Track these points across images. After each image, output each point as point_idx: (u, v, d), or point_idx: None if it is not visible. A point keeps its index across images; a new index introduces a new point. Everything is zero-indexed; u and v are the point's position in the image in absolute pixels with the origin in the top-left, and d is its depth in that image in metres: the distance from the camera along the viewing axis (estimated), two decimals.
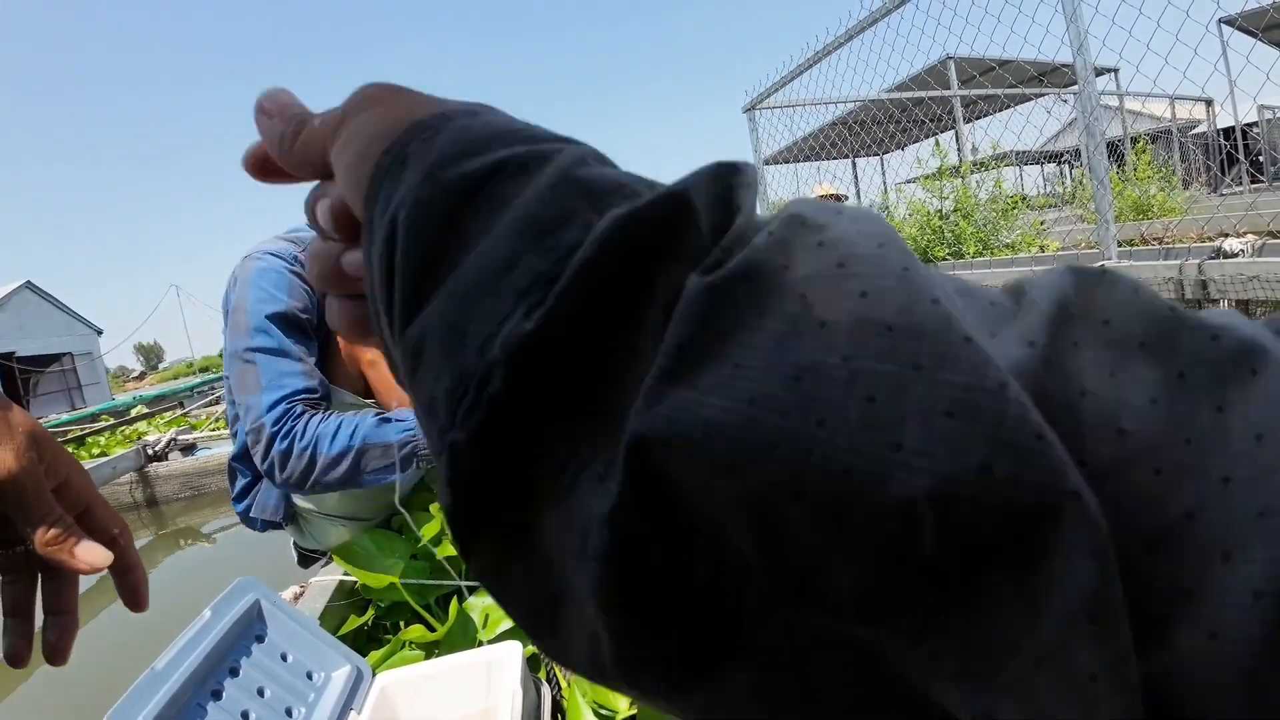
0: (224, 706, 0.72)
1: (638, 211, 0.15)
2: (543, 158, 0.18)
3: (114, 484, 3.96)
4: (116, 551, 0.47)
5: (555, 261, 0.15)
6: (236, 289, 1.25)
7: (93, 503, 0.48)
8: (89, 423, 7.17)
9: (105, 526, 0.48)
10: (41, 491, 0.44)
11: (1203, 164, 9.67)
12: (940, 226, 4.91)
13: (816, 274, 0.14)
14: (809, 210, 0.15)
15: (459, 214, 0.18)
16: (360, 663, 0.88)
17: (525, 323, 0.15)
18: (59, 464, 0.46)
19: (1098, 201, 3.33)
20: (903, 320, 0.13)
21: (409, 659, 1.01)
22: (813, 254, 0.14)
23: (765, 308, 0.13)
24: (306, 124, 0.24)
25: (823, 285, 0.13)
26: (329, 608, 1.20)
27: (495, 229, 0.17)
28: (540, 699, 0.91)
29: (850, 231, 0.14)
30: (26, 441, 0.43)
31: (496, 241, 0.17)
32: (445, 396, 0.16)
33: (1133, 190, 5.72)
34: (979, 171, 5.35)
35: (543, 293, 0.15)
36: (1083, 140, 3.40)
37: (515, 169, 0.18)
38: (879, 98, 5.71)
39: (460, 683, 0.87)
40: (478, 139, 0.19)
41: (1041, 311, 0.14)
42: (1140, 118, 10.90)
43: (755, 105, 5.87)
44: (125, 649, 2.18)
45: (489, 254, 0.17)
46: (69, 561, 0.44)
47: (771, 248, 0.14)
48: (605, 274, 0.15)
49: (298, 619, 0.86)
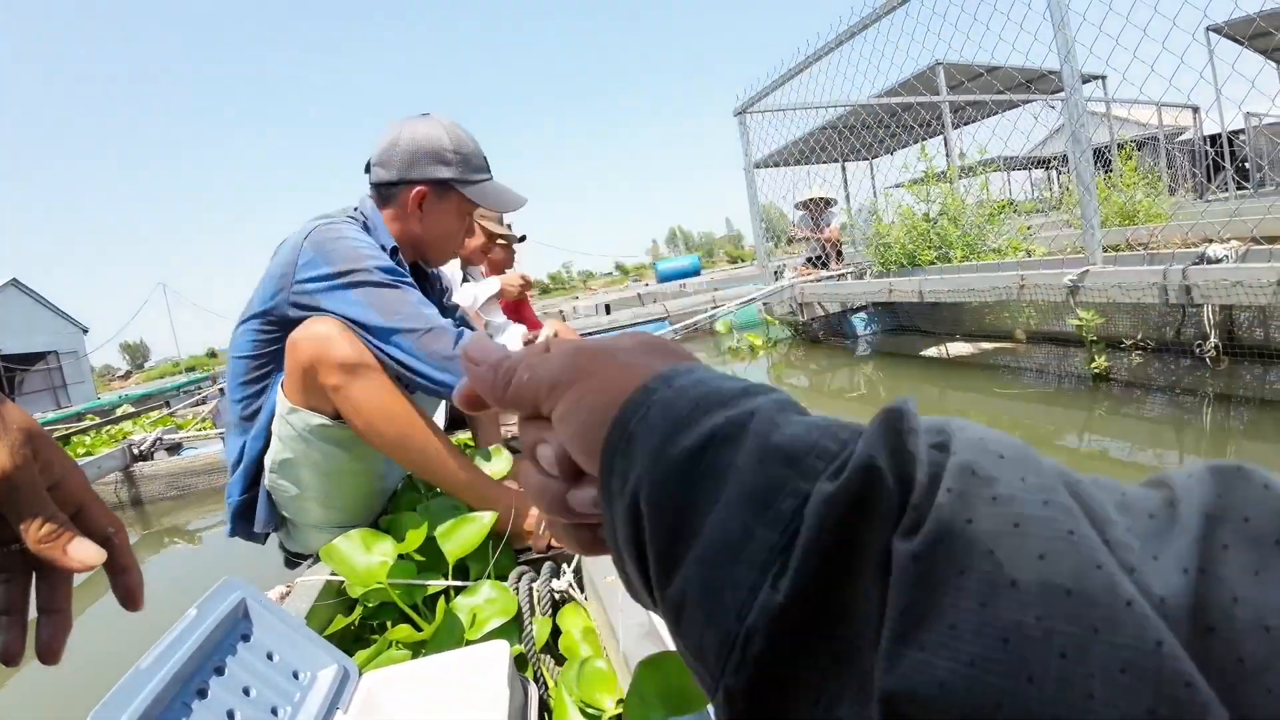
0: (209, 705, 0.72)
1: (841, 491, 0.19)
2: (741, 424, 0.23)
3: (99, 483, 3.91)
4: (112, 551, 0.47)
5: (781, 532, 0.20)
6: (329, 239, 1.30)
7: (88, 502, 0.48)
8: (74, 422, 7.10)
9: (100, 526, 0.47)
10: (35, 489, 0.43)
11: (1189, 170, 9.76)
12: (927, 230, 4.93)
13: (998, 533, 0.17)
14: (976, 459, 0.19)
15: (689, 489, 0.23)
16: (347, 662, 0.87)
17: (775, 594, 0.19)
18: (55, 462, 0.46)
19: (1083, 207, 3.36)
20: (1078, 586, 0.16)
21: (396, 658, 1.00)
22: (989, 510, 0.17)
23: (963, 567, 0.17)
24: (514, 374, 0.31)
25: (1006, 546, 0.17)
26: (315, 607, 1.20)
27: (723, 500, 0.22)
28: (527, 698, 0.91)
29: (1017, 487, 0.18)
30: (21, 438, 0.43)
31: (729, 513, 0.21)
32: (714, 651, 0.20)
33: (1119, 196, 5.77)
34: (967, 177, 5.39)
35: (780, 563, 0.20)
36: (1069, 146, 3.43)
37: (723, 440, 0.23)
38: (869, 103, 5.74)
39: (447, 682, 0.87)
40: (683, 412, 0.24)
41: (1191, 529, 0.17)
42: (1127, 124, 11.00)
43: (746, 109, 5.89)
44: (110, 648, 2.16)
45: (725, 525, 0.21)
46: (61, 559, 0.43)
47: (954, 506, 0.18)
48: (828, 548, 0.19)
49: (284, 618, 0.86)
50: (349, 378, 1.21)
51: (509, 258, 3.65)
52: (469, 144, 1.44)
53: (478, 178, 1.45)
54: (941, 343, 4.63)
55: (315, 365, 1.21)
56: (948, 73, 7.27)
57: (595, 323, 7.53)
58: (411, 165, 1.40)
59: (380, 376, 1.24)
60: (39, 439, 0.45)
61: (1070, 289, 3.18)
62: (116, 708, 0.62)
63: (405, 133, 1.41)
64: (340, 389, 1.22)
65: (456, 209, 1.46)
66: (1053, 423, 2.83)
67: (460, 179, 1.42)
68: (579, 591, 1.22)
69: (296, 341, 1.23)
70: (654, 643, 0.93)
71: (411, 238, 1.47)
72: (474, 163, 1.44)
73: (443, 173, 1.40)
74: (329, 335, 1.22)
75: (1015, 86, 7.72)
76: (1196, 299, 2.69)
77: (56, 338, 22.45)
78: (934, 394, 3.66)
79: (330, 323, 1.24)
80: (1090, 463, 2.33)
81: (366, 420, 1.24)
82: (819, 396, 4.13)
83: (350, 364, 1.21)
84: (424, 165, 1.40)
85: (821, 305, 5.62)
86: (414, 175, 1.40)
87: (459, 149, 1.42)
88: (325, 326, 1.23)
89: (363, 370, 1.22)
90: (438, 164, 1.40)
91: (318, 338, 1.22)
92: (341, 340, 1.22)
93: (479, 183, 1.45)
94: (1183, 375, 3.02)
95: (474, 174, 1.44)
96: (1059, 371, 3.53)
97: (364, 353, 1.23)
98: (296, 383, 1.26)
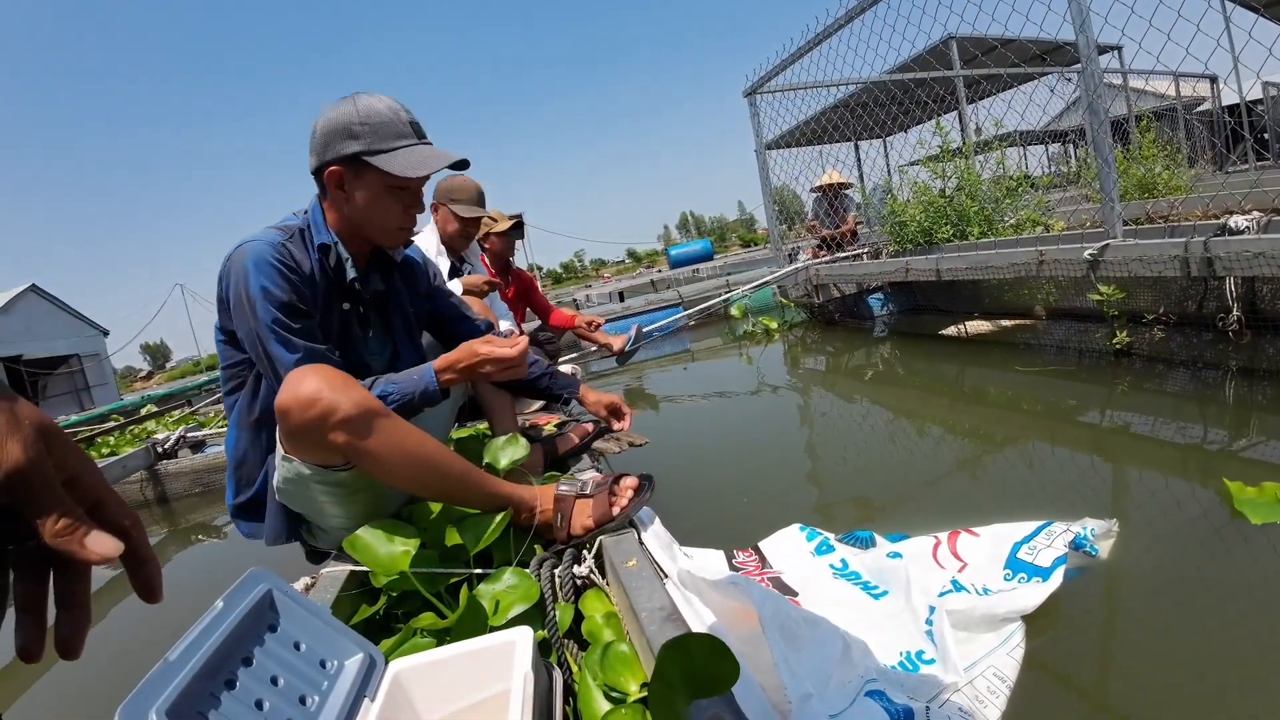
0: (238, 696, 0.72)
1: None
2: None
3: (124, 482, 3.98)
4: (129, 544, 0.47)
5: None
6: (233, 278, 1.32)
7: (104, 497, 0.48)
8: (98, 423, 7.20)
9: (117, 520, 0.47)
10: (51, 483, 0.44)
11: (1207, 141, 9.58)
12: (944, 206, 4.87)
13: None
14: None
15: None
16: (373, 650, 0.88)
17: None
18: (69, 458, 0.46)
19: (1102, 180, 3.31)
20: None
21: (421, 646, 1.01)
22: None
23: None
24: None
25: None
26: (340, 597, 1.21)
27: None
28: (552, 682, 0.92)
29: None
30: (34, 434, 0.43)
31: None
32: None
33: (1138, 169, 5.68)
34: (983, 152, 5.31)
35: None
36: (1086, 118, 3.37)
37: None
38: (881, 79, 5.67)
39: (473, 668, 0.87)
40: None
41: None
42: (1144, 96, 10.81)
43: (756, 90, 5.83)
44: (138, 642, 2.20)
45: None
46: (79, 552, 0.44)
47: None
48: None
49: (310, 608, 0.87)
50: (358, 433, 1.15)
51: (508, 245, 3.55)
52: (383, 114, 1.37)
53: (390, 146, 1.36)
54: (960, 321, 4.59)
55: (317, 429, 1.15)
56: (961, 47, 7.16)
57: (610, 310, 7.52)
58: (326, 147, 1.37)
59: (388, 419, 1.19)
60: (52, 435, 0.45)
61: (1090, 263, 3.13)
62: (146, 699, 0.63)
63: (322, 116, 1.38)
64: (352, 444, 1.16)
65: (377, 182, 1.38)
66: (1074, 399, 2.80)
67: (368, 150, 1.35)
68: (600, 577, 1.23)
69: (287, 410, 1.15)
70: (676, 626, 0.93)
71: (348, 222, 1.43)
72: (386, 131, 1.36)
73: (351, 147, 1.35)
74: (318, 394, 1.14)
75: (1030, 59, 7.60)
76: (1219, 271, 2.64)
77: (78, 341, 22.74)
78: (953, 373, 3.63)
79: (312, 376, 1.16)
80: (1113, 439, 2.30)
81: (388, 470, 1.20)
82: (837, 378, 4.11)
83: (353, 418, 1.15)
84: (335, 144, 1.36)
85: (837, 286, 5.58)
86: (328, 156, 1.37)
87: (368, 120, 1.35)
88: (310, 384, 1.15)
89: (369, 419, 1.16)
90: (347, 139, 1.35)
91: (308, 401, 1.14)
92: (333, 394, 1.15)
93: (391, 150, 1.36)
94: (1205, 349, 2.98)
95: (386, 142, 1.36)
96: (1080, 347, 3.48)
97: (364, 399, 1.17)
98: (295, 444, 1.21)
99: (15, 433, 0.42)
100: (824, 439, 2.96)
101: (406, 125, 1.39)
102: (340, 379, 1.17)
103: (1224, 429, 2.19)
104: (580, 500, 1.33)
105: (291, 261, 1.34)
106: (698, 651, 0.67)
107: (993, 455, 2.35)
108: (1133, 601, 1.35)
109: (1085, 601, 1.34)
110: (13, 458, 0.42)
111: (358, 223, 1.43)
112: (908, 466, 2.35)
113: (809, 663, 1.01)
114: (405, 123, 1.39)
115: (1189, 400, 2.55)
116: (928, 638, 1.19)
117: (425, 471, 1.21)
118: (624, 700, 0.89)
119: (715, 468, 2.73)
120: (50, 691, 2.02)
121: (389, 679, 0.86)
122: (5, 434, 0.42)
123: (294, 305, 1.31)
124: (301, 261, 1.37)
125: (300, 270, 1.35)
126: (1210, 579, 1.36)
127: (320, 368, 1.18)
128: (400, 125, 1.38)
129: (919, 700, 1.04)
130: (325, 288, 1.42)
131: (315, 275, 1.40)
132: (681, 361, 5.68)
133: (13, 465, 0.42)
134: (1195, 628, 1.22)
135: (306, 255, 1.39)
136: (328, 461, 1.21)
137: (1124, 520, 1.55)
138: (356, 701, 0.81)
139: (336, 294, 1.46)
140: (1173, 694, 1.08)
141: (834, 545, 1.58)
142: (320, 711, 0.78)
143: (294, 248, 1.37)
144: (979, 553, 1.46)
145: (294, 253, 1.36)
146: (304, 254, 1.39)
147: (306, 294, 1.35)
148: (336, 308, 1.46)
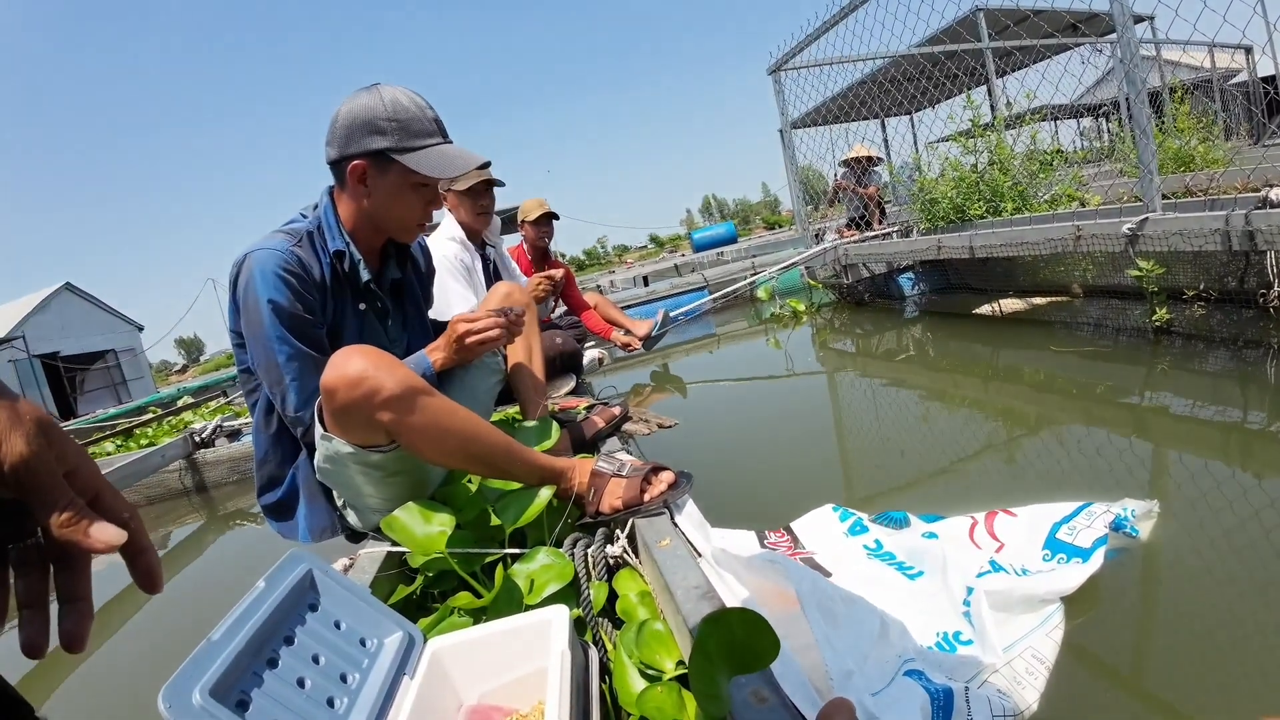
0: (280, 674, 0.73)
1: None
2: None
3: (164, 471, 4.07)
4: (129, 534, 0.48)
5: None
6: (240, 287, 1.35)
7: (102, 489, 0.49)
8: (136, 415, 7.37)
9: (116, 511, 0.49)
10: (54, 476, 0.45)
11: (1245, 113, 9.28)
12: (976, 181, 4.77)
13: None
14: None
15: None
16: (412, 629, 0.89)
17: None
18: (68, 452, 0.47)
19: (1140, 153, 3.22)
20: None
21: (458, 625, 1.02)
22: None
23: None
24: None
25: None
26: (378, 578, 1.23)
27: None
28: (588, 660, 0.92)
29: None
30: (35, 429, 0.45)
31: None
32: None
33: (1173, 142, 5.52)
34: (1014, 127, 5.19)
35: None
36: (1122, 90, 3.28)
37: None
38: (908, 53, 5.56)
39: (510, 646, 0.88)
40: None
41: None
42: (1179, 68, 10.50)
43: (780, 67, 5.75)
44: (181, 625, 2.25)
45: None
46: (84, 541, 0.45)
47: None
48: None
49: (349, 587, 0.87)
50: (403, 410, 1.15)
51: (541, 234, 3.65)
52: (409, 110, 1.36)
53: (418, 144, 1.36)
54: (994, 300, 4.51)
55: (363, 407, 1.15)
56: (991, 17, 6.99)
57: (634, 295, 7.51)
58: (349, 140, 1.36)
59: (432, 396, 1.19)
60: (52, 429, 0.46)
61: (1129, 238, 3.05)
62: (190, 679, 0.64)
63: (344, 107, 1.37)
64: (398, 421, 1.16)
65: (401, 180, 1.38)
66: (1112, 379, 2.74)
67: (396, 147, 1.35)
68: (633, 556, 1.23)
69: (334, 390, 1.15)
70: (712, 603, 0.93)
71: (365, 216, 1.44)
72: (414, 128, 1.36)
73: (378, 143, 1.35)
74: (365, 373, 1.14)
75: (1063, 29, 7.41)
76: (1260, 245, 2.56)
77: (113, 337, 23.19)
78: (987, 353, 3.57)
79: (357, 357, 1.16)
80: (1152, 418, 2.25)
81: (434, 445, 1.20)
82: (868, 359, 4.07)
83: (398, 396, 1.14)
84: (360, 138, 1.35)
85: (866, 266, 5.50)
86: (351, 150, 1.36)
87: (395, 116, 1.35)
88: (357, 364, 1.15)
89: (413, 396, 1.16)
90: (373, 134, 1.35)
91: (355, 380, 1.14)
92: (378, 373, 1.14)
93: (419, 149, 1.37)
94: (1246, 326, 2.89)
95: (414, 140, 1.36)
96: (1117, 325, 3.41)
97: (407, 377, 1.17)
98: (340, 423, 1.21)
99: (18, 428, 0.44)
100: (855, 420, 2.93)
101: (432, 122, 1.39)
102: (385, 359, 1.17)
103: (1265, 409, 2.13)
104: (615, 479, 1.33)
105: (300, 269, 1.35)
106: (738, 626, 0.67)
107: (1029, 436, 2.31)
108: (1173, 583, 1.32)
109: (1125, 583, 1.31)
110: (17, 451, 0.43)
111: (377, 218, 1.43)
112: (941, 447, 2.32)
113: (847, 639, 1.00)
114: (430, 120, 1.39)
115: (1230, 379, 2.48)
116: (965, 619, 1.18)
117: (470, 444, 1.22)
118: (659, 678, 0.89)
119: (745, 449, 2.72)
120: (94, 674, 2.07)
121: (428, 657, 0.87)
122: (8, 429, 0.43)
123: (300, 316, 1.34)
124: (311, 267, 1.37)
125: (309, 276, 1.36)
126: (1252, 561, 1.32)
127: (365, 347, 1.18)
128: (426, 122, 1.38)
129: (957, 681, 1.03)
130: (337, 290, 1.43)
131: (326, 280, 1.40)
132: (708, 346, 5.66)
133: (18, 458, 0.43)
134: (1237, 611, 1.20)
135: (316, 259, 1.40)
136: (371, 440, 1.21)
137: (1164, 501, 1.51)
138: (396, 679, 0.82)
139: (351, 295, 1.47)
140: (1213, 678, 1.06)
141: (868, 526, 1.57)
142: (361, 689, 0.79)
143: (302, 252, 1.37)
144: (1017, 533, 1.43)
145: (303, 258, 1.36)
146: (313, 258, 1.39)
147: (314, 301, 1.37)
148: (351, 308, 1.47)
